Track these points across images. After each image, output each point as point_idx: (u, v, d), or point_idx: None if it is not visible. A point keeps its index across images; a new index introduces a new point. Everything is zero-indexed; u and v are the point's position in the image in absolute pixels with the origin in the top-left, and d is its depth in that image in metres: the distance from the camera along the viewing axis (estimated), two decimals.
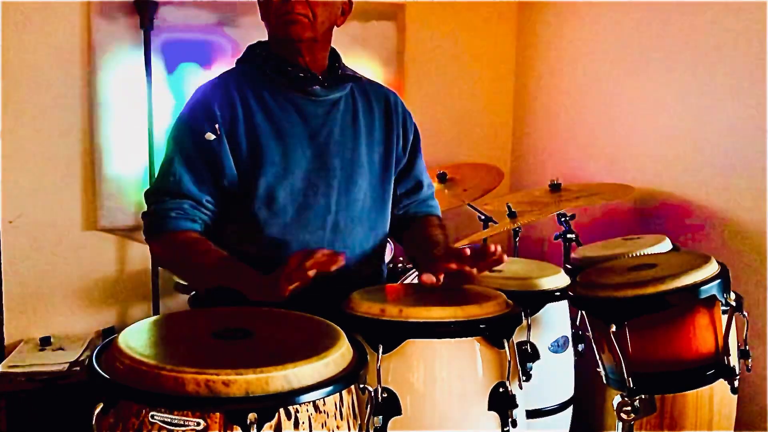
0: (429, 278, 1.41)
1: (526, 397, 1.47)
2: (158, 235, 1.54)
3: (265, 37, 1.65)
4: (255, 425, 0.96)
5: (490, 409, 1.33)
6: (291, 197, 1.56)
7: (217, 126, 1.53)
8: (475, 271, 1.40)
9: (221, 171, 1.54)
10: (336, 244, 1.60)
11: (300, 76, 1.58)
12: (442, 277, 1.42)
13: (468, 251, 1.39)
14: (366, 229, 1.65)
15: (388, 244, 2.59)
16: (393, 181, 1.72)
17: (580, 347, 1.90)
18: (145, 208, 1.58)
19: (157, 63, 2.81)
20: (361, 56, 3.08)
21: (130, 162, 2.86)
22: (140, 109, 2.79)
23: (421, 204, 1.79)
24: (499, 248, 1.38)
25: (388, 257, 2.50)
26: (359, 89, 1.70)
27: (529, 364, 1.53)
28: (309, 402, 1.02)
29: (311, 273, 1.24)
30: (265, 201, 1.55)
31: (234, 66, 1.68)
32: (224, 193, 1.56)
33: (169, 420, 0.97)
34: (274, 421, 0.98)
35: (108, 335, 2.78)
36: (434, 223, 1.75)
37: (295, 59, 1.58)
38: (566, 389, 1.91)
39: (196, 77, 2.86)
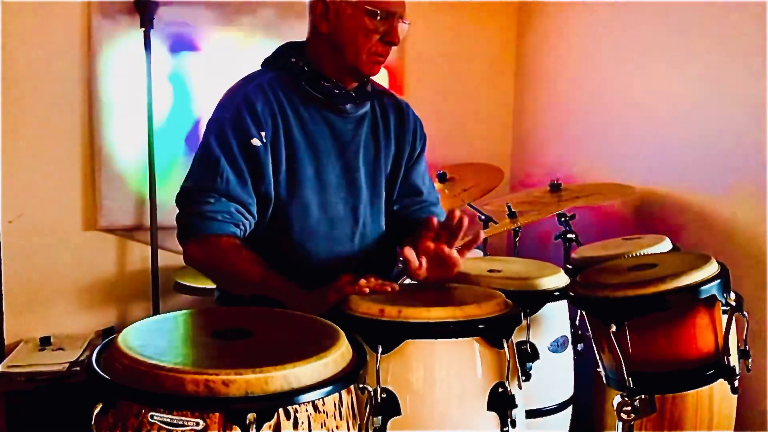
0: (410, 253, 1.41)
1: (526, 397, 1.47)
2: (200, 237, 1.50)
3: (262, 38, 1.64)
4: (254, 425, 0.96)
5: (489, 409, 1.33)
6: (323, 211, 1.60)
7: (263, 133, 1.52)
8: (452, 252, 1.43)
9: (262, 178, 1.54)
10: (362, 253, 1.65)
11: (336, 93, 1.60)
12: (424, 262, 1.43)
13: (434, 220, 1.42)
14: (384, 236, 1.71)
15: None
16: (398, 189, 1.76)
17: (580, 347, 1.90)
18: (177, 205, 1.55)
19: (157, 63, 2.81)
20: None
21: (130, 162, 2.86)
22: (140, 108, 2.79)
23: (423, 209, 1.79)
24: (457, 213, 1.40)
25: None
26: (378, 102, 1.73)
27: (528, 364, 1.53)
28: (308, 402, 1.02)
29: (366, 290, 1.36)
30: (300, 214, 1.57)
31: (265, 69, 1.66)
32: (262, 201, 1.56)
33: (169, 420, 0.97)
34: (273, 421, 0.98)
35: (108, 335, 2.78)
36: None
37: (341, 80, 1.60)
38: (566, 389, 1.90)
39: (196, 77, 2.86)
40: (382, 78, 3.12)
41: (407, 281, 2.43)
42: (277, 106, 1.56)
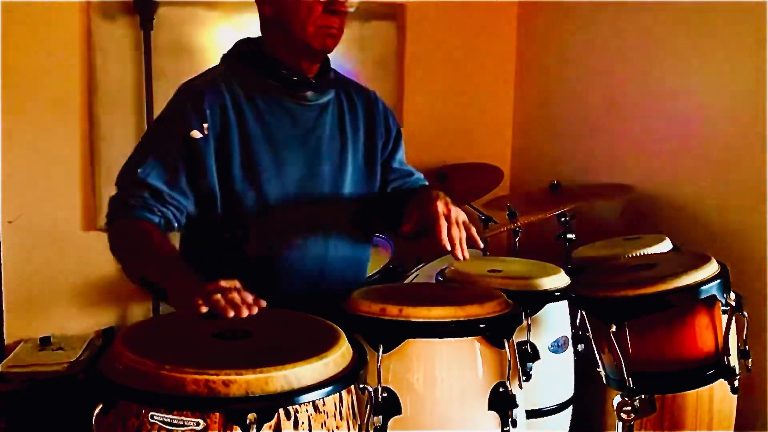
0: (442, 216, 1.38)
1: (526, 397, 1.47)
2: (115, 221, 1.47)
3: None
4: (254, 425, 0.96)
5: (490, 408, 1.33)
6: (283, 204, 1.54)
7: (205, 126, 1.48)
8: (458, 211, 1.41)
9: (201, 172, 1.48)
10: (327, 248, 1.60)
11: (294, 80, 1.55)
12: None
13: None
14: (352, 230, 1.65)
15: (388, 244, 2.59)
16: (379, 177, 1.70)
17: (580, 347, 1.90)
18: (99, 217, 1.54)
19: (157, 63, 2.81)
20: (361, 56, 3.08)
21: None
22: (140, 108, 2.79)
23: (414, 183, 1.77)
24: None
25: (387, 258, 2.50)
26: (344, 90, 1.68)
27: (529, 364, 1.53)
28: (309, 402, 1.01)
29: (204, 309, 1.14)
30: (257, 209, 1.51)
31: (221, 63, 1.63)
32: (204, 197, 1.50)
33: (169, 420, 0.97)
34: (273, 421, 0.98)
35: (108, 335, 2.78)
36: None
37: (297, 64, 1.56)
38: (566, 389, 1.91)
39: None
40: (381, 78, 3.13)
41: (412, 278, 2.42)
42: (230, 97, 1.52)
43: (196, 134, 1.48)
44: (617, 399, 1.53)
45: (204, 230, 1.55)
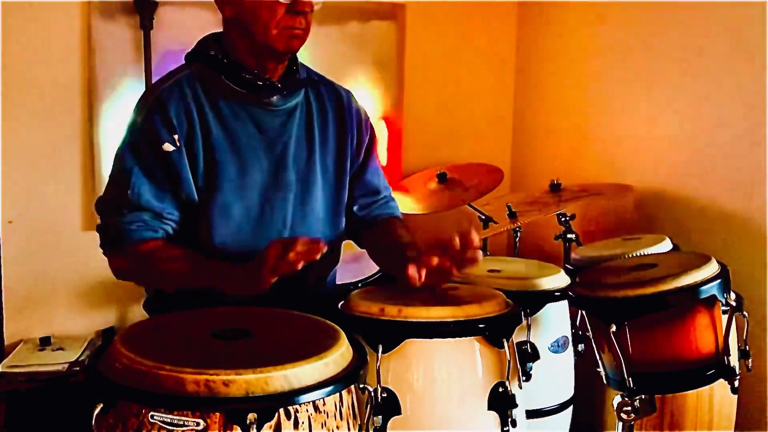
0: (415, 272, 1.32)
1: (526, 397, 1.47)
2: (119, 248, 1.48)
3: None
4: (255, 425, 0.96)
5: (489, 408, 1.33)
6: (247, 213, 1.50)
7: (176, 137, 1.44)
8: (454, 269, 1.34)
9: (180, 183, 1.46)
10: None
11: (259, 84, 1.49)
12: (424, 273, 1.34)
13: (457, 243, 1.31)
14: (321, 238, 1.60)
15: None
16: (348, 185, 1.64)
17: (580, 347, 1.90)
18: (98, 218, 1.52)
19: (157, 63, 2.81)
20: (361, 56, 3.08)
21: None
22: None
23: (383, 206, 1.71)
24: (474, 238, 1.31)
25: None
26: (313, 92, 1.61)
27: (528, 364, 1.54)
28: (309, 402, 1.02)
29: (299, 265, 1.20)
30: (221, 217, 1.48)
31: (185, 64, 1.57)
32: (185, 206, 1.49)
33: (169, 420, 0.97)
34: (273, 421, 0.98)
35: (108, 335, 2.78)
36: (398, 226, 1.67)
37: (263, 67, 1.50)
38: (566, 389, 1.91)
39: None
40: (381, 78, 3.13)
41: None
42: (195, 103, 1.47)
43: (168, 147, 1.45)
44: (617, 399, 1.53)
45: (185, 234, 1.52)
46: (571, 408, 1.92)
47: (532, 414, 1.69)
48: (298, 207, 1.55)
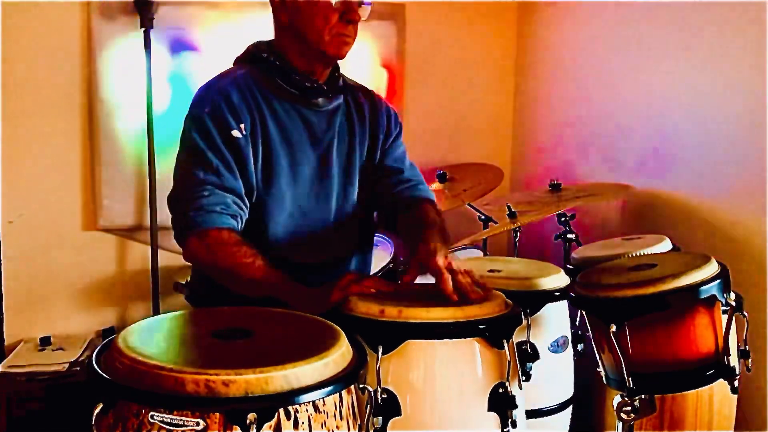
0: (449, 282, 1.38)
1: (526, 396, 1.47)
2: (200, 231, 1.47)
3: (262, 37, 1.65)
4: (254, 425, 0.96)
5: (489, 409, 1.33)
6: (297, 205, 1.61)
7: (242, 125, 1.53)
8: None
9: (245, 170, 1.54)
10: (331, 247, 1.67)
11: (307, 86, 1.60)
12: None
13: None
14: (353, 229, 1.72)
15: (388, 244, 2.59)
16: (379, 170, 1.75)
17: (580, 347, 1.91)
18: (169, 207, 1.54)
19: (157, 63, 2.81)
20: (361, 56, 3.08)
21: (130, 162, 2.86)
22: (140, 108, 2.79)
23: (413, 188, 1.77)
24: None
25: (387, 257, 2.50)
26: (351, 95, 1.73)
27: (528, 365, 1.53)
28: (309, 402, 1.01)
29: (373, 290, 1.39)
30: (275, 206, 1.58)
31: (238, 66, 1.67)
32: (246, 192, 1.56)
33: (169, 420, 0.97)
34: (273, 421, 0.98)
35: (108, 335, 2.78)
36: (429, 209, 1.71)
37: (312, 70, 1.61)
38: (566, 389, 1.91)
39: (196, 77, 2.86)
40: (381, 78, 3.13)
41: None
42: (252, 99, 1.57)
43: (236, 133, 1.53)
44: (617, 399, 1.53)
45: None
46: (570, 408, 1.92)
47: (532, 414, 1.69)
48: (341, 202, 1.68)
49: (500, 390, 1.33)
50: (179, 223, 1.51)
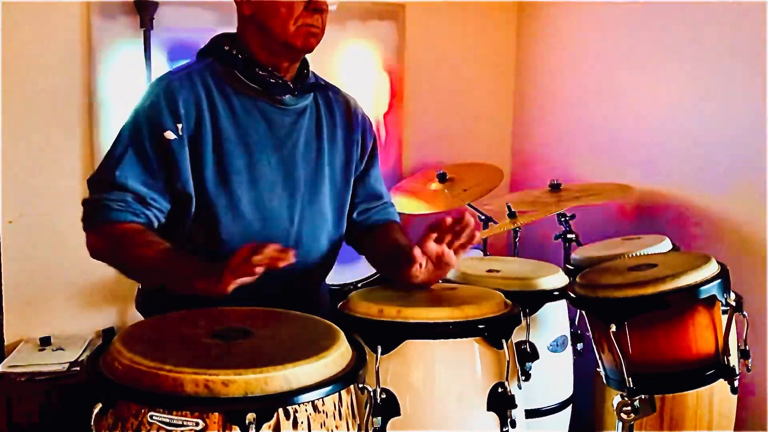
0: (419, 253, 1.38)
1: (526, 396, 1.47)
2: (97, 225, 1.44)
3: None
4: (254, 425, 0.96)
5: (489, 409, 1.33)
6: (255, 209, 1.50)
7: (180, 126, 1.45)
8: (451, 254, 1.40)
9: (176, 173, 1.45)
10: (298, 255, 1.50)
11: (272, 82, 1.51)
12: (425, 262, 1.40)
13: (447, 220, 1.37)
14: (325, 239, 1.61)
15: None
16: (351, 189, 1.67)
17: (580, 347, 1.91)
18: (88, 187, 1.49)
19: (157, 63, 2.81)
20: (362, 56, 3.08)
21: None
22: None
23: (381, 211, 1.73)
24: (467, 216, 1.37)
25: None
26: (322, 96, 1.64)
27: (528, 364, 1.53)
28: (308, 402, 1.02)
29: (259, 270, 1.18)
30: (229, 212, 1.48)
31: (197, 58, 1.58)
32: (179, 197, 1.48)
33: (168, 420, 0.97)
34: (272, 421, 0.98)
35: (108, 335, 2.78)
36: (396, 230, 1.70)
37: (277, 65, 1.52)
38: (565, 389, 1.91)
39: None
40: (382, 80, 3.13)
41: None
42: (206, 95, 1.48)
43: (170, 135, 1.45)
44: (617, 399, 1.53)
45: (177, 228, 1.51)
46: (570, 408, 1.92)
47: (531, 413, 1.69)
48: (306, 206, 1.56)
49: (499, 390, 1.33)
50: (83, 216, 1.48)
